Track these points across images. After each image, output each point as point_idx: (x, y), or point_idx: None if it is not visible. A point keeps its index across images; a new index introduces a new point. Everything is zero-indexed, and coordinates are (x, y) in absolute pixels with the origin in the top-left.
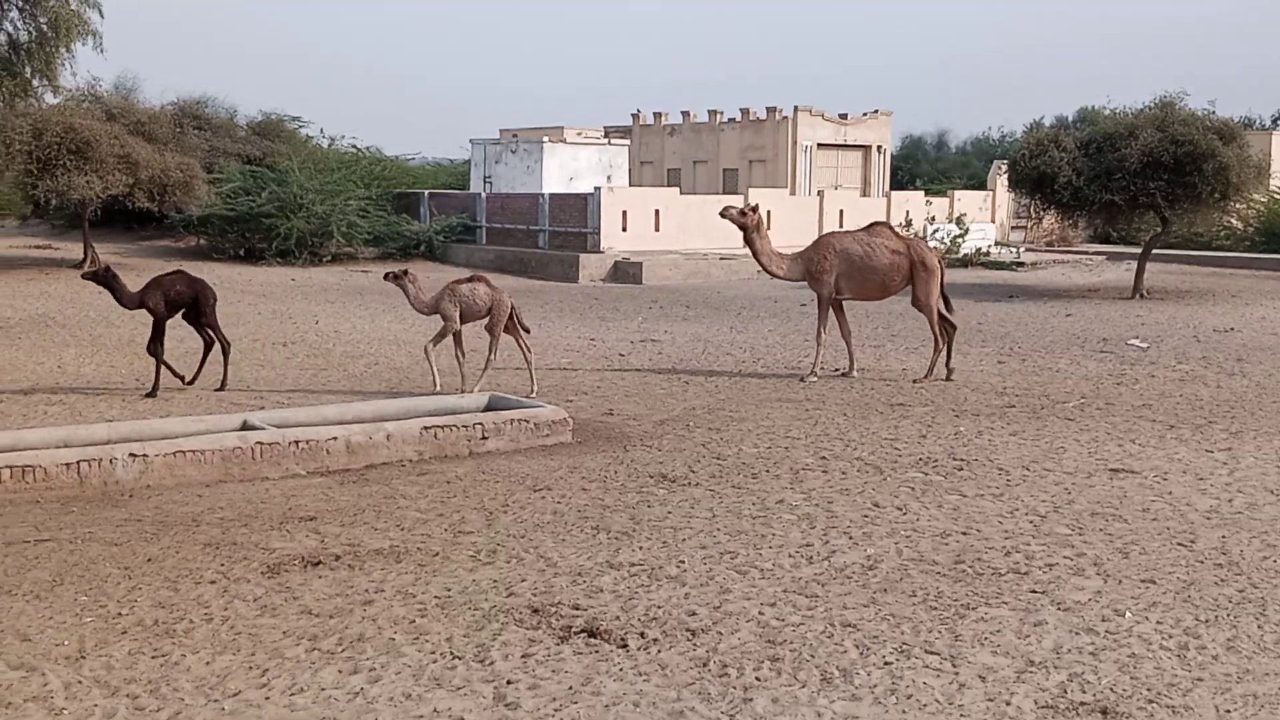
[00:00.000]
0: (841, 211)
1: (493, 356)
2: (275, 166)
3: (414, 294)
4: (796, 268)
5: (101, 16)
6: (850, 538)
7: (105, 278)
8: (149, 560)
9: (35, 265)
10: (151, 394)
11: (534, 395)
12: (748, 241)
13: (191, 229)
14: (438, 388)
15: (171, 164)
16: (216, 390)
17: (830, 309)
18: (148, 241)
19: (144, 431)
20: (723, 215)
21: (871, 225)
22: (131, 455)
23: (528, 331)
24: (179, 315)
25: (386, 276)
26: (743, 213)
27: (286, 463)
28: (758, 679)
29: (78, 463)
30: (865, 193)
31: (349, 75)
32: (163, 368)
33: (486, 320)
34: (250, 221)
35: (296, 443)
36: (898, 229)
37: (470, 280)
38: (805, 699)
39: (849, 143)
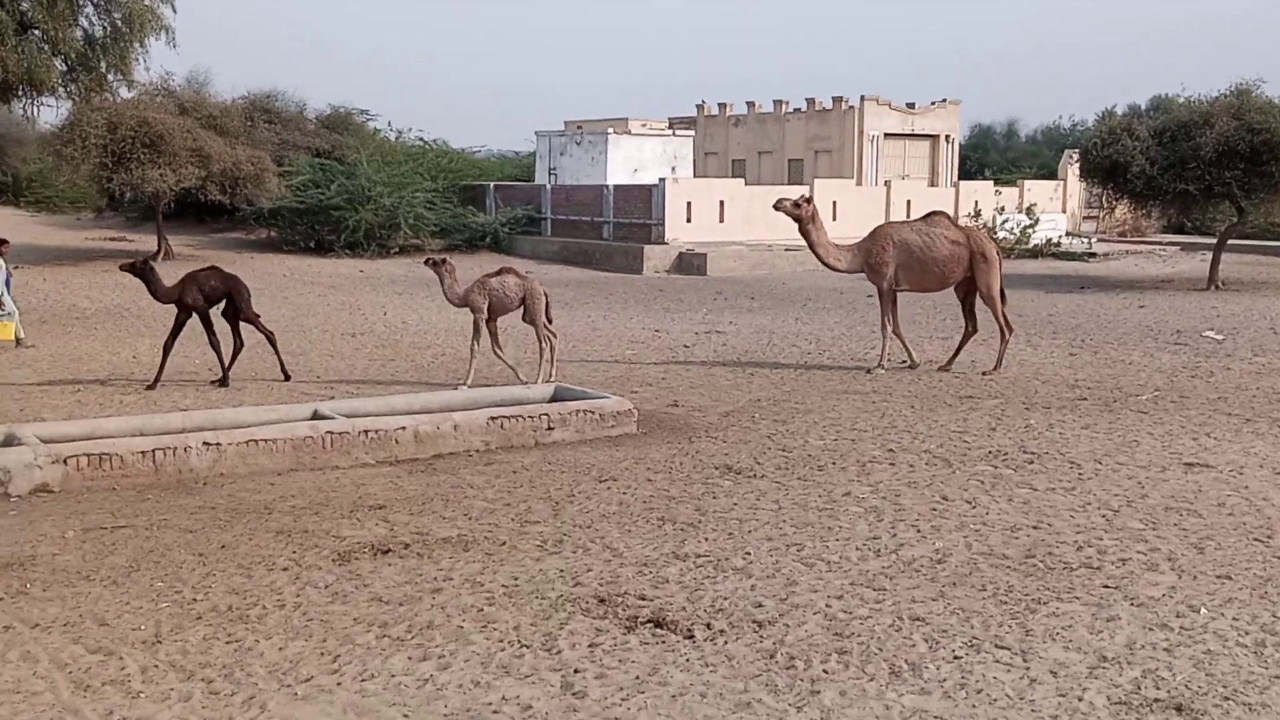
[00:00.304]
0: (909, 202)
1: (546, 345)
2: (344, 159)
3: (448, 284)
4: (855, 259)
5: (174, 11)
6: (918, 531)
7: (142, 270)
8: (223, 547)
9: (110, 257)
10: (151, 386)
11: (553, 379)
12: (803, 234)
13: (262, 221)
14: (522, 378)
15: (243, 157)
16: (215, 383)
17: (890, 300)
18: (219, 234)
19: (218, 421)
20: (776, 208)
21: (930, 215)
22: (205, 444)
23: (551, 322)
24: (218, 312)
25: (426, 262)
26: (796, 204)
27: (356, 452)
28: (825, 671)
29: (153, 451)
30: (933, 183)
31: (417, 69)
32: (166, 362)
33: (523, 313)
34: (319, 214)
35: (366, 432)
36: (956, 219)
37: (499, 273)
38: (873, 692)
39: (916, 132)
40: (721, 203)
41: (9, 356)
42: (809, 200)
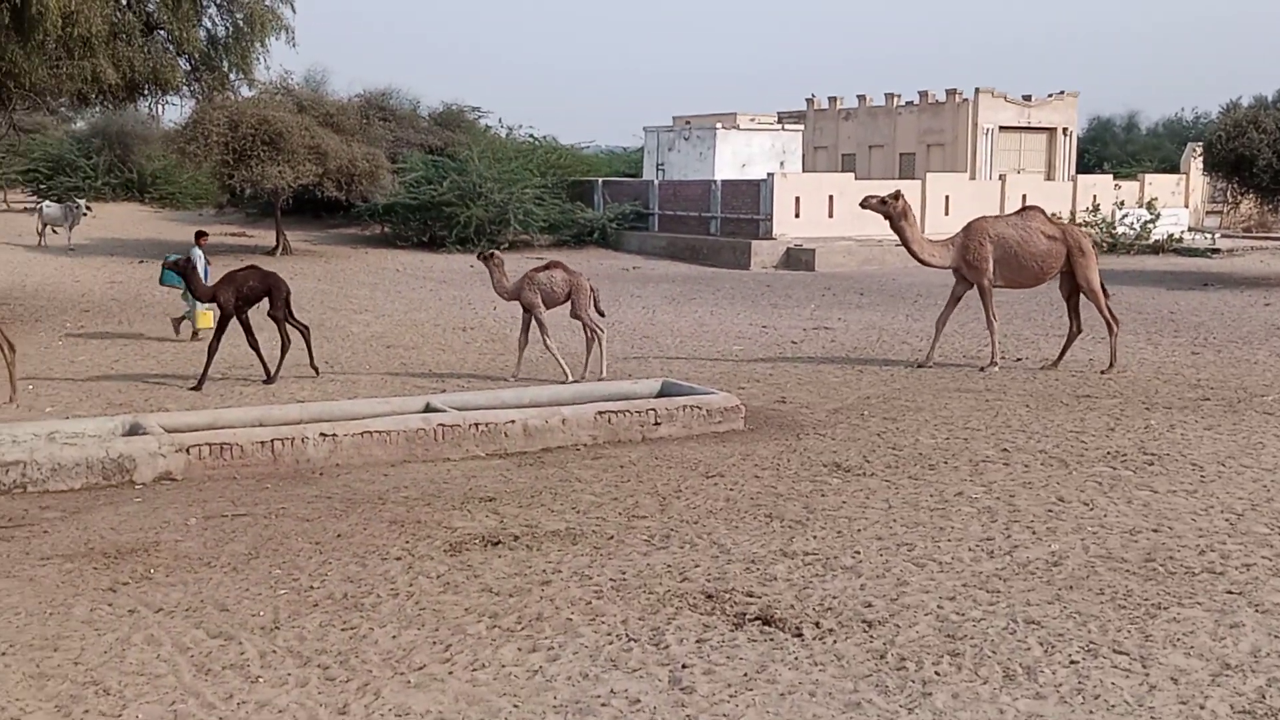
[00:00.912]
0: (1024, 196)
1: (594, 338)
2: (456, 156)
3: (498, 278)
4: (950, 255)
5: (294, 11)
6: (1033, 532)
7: (183, 269)
8: (338, 536)
9: (231, 252)
10: (196, 387)
11: (585, 378)
12: (896, 230)
13: (376, 217)
14: (572, 378)
15: (358, 154)
16: (265, 382)
17: (992, 295)
18: (335, 229)
19: (333, 412)
20: (864, 205)
21: (1024, 210)
22: (322, 435)
23: (602, 315)
24: (259, 311)
25: (479, 256)
26: (884, 201)
27: (467, 444)
28: (937, 673)
29: (272, 441)
30: (1049, 177)
31: (527, 65)
32: (212, 363)
33: (570, 306)
34: (432, 210)
35: (476, 425)
36: (1051, 214)
37: (547, 268)
38: (987, 695)
39: (1033, 125)
40: (830, 197)
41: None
42: (898, 196)
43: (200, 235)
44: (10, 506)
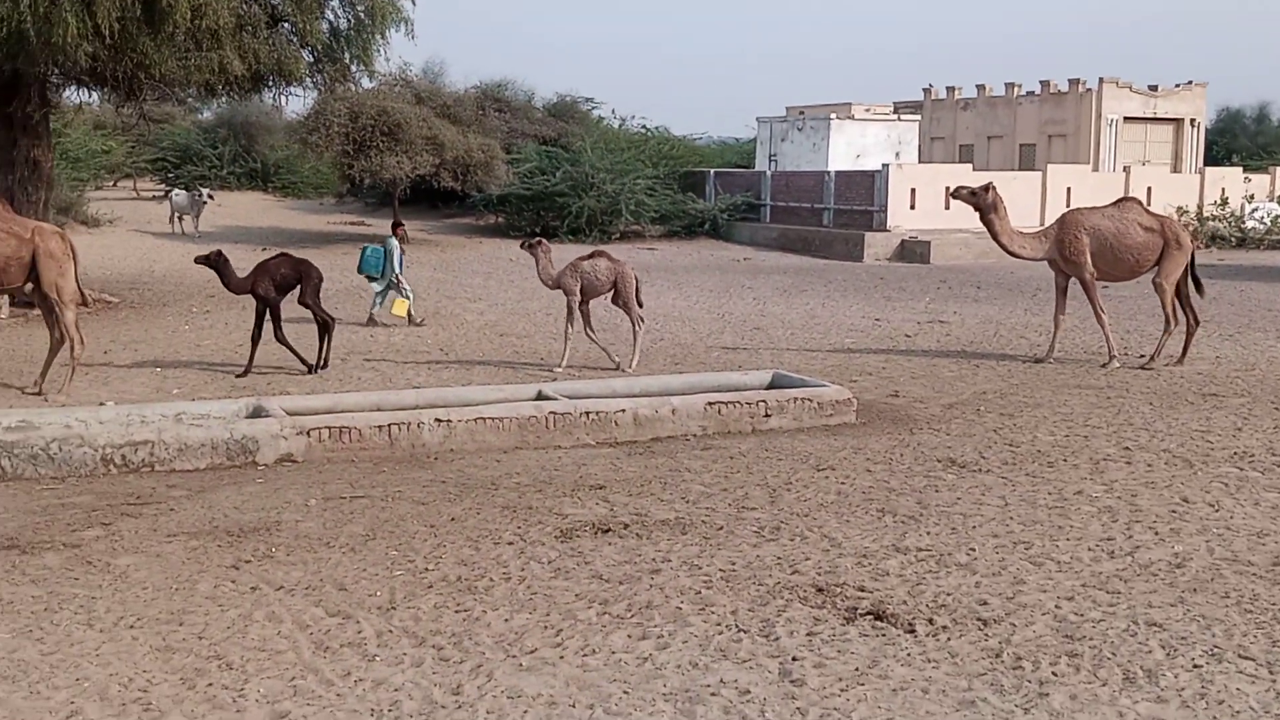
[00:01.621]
0: (1150, 189)
1: (639, 328)
2: (569, 147)
3: (543, 265)
4: (1043, 248)
5: (413, 3)
6: (1156, 533)
7: (216, 262)
8: (452, 520)
9: (350, 240)
10: (242, 375)
11: (632, 369)
12: (985, 223)
13: (490, 207)
14: (616, 362)
15: (474, 145)
16: (322, 368)
17: (1096, 287)
18: (451, 219)
19: (448, 398)
20: (954, 196)
21: (1120, 201)
22: (437, 420)
23: (642, 307)
24: (292, 298)
25: (522, 245)
26: (974, 192)
27: (577, 432)
28: (1054, 674)
29: (389, 425)
30: (1176, 169)
31: (642, 56)
32: (289, 350)
33: (614, 295)
34: (545, 200)
35: (587, 414)
36: (1147, 205)
37: (591, 256)
38: (1106, 698)
39: (1159, 116)
40: (947, 189)
41: (398, 334)
42: (989, 188)
43: (396, 225)
44: (139, 484)
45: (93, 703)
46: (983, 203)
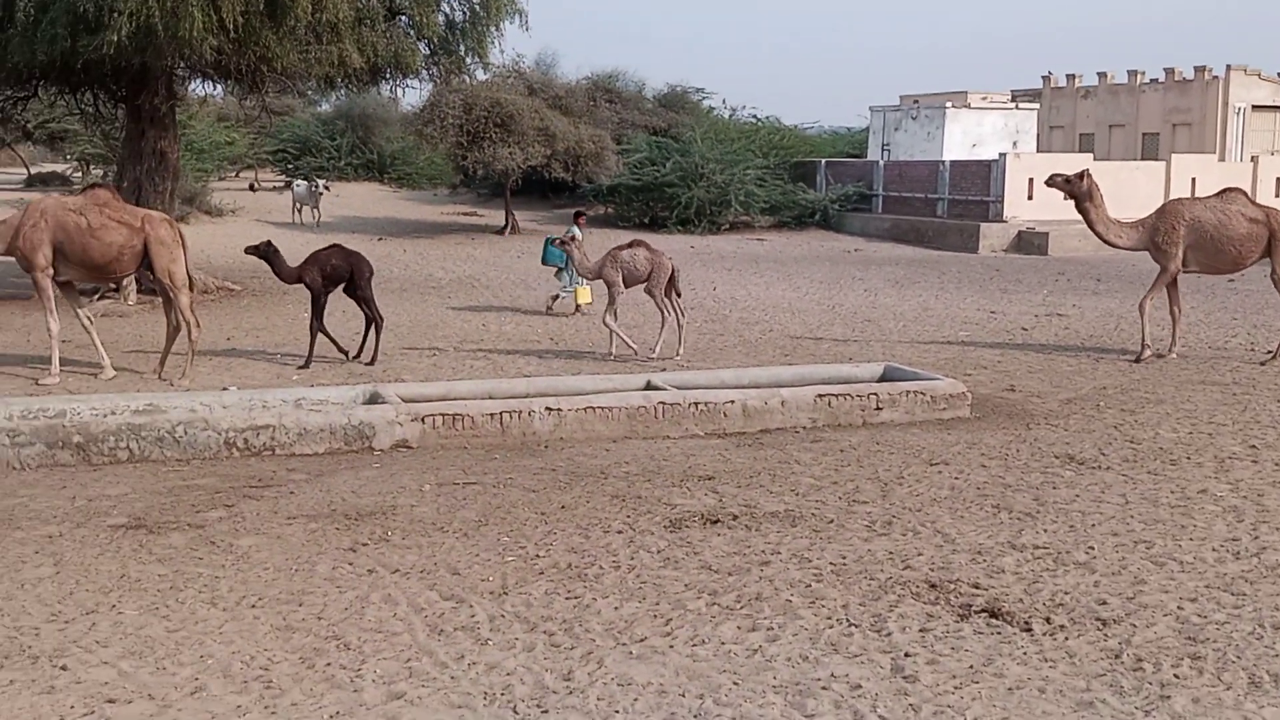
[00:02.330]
0: (1278, 180)
1: (668, 317)
2: (679, 137)
3: (579, 259)
4: (1140, 237)
5: None
6: None
7: (266, 252)
8: (562, 507)
9: (462, 230)
10: (304, 365)
11: (679, 357)
12: (1081, 211)
13: (600, 198)
14: (634, 350)
15: (585, 136)
16: (367, 364)
17: (1166, 282)
18: (561, 209)
19: (558, 387)
20: (1048, 184)
21: (1224, 191)
22: (548, 409)
23: (680, 295)
24: (340, 289)
25: (554, 241)
26: (1068, 180)
27: (686, 423)
28: (1176, 676)
29: (500, 413)
30: None
31: (753, 46)
32: (318, 339)
33: (646, 284)
34: (654, 191)
35: (696, 404)
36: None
37: (630, 246)
38: (1230, 702)
39: None
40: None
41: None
42: (1083, 175)
43: (579, 215)
44: (260, 467)
45: (216, 679)
46: (1077, 190)
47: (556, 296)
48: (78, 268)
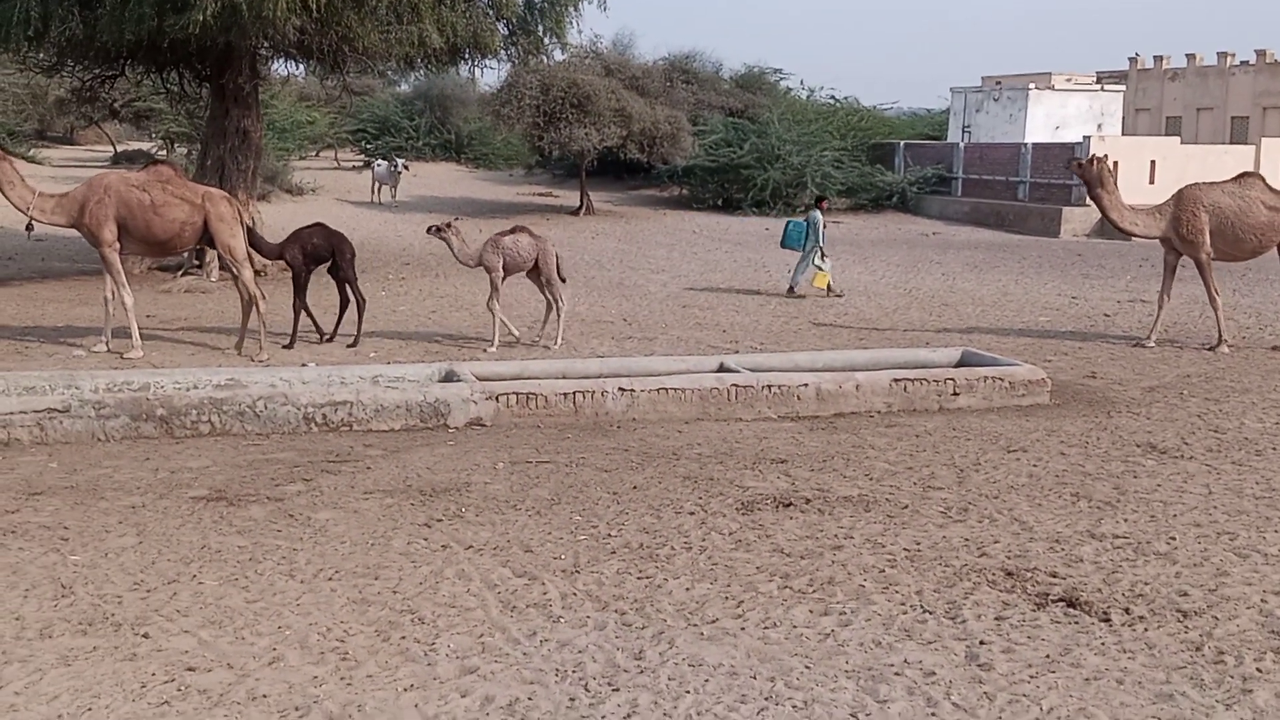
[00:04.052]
0: None
1: (562, 304)
2: (756, 119)
3: (458, 246)
4: (1157, 224)
5: None
6: None
7: (247, 229)
8: (634, 488)
9: (538, 211)
10: (289, 345)
11: (556, 347)
12: (1093, 197)
13: (675, 179)
14: (516, 335)
15: (661, 117)
16: (349, 347)
17: (1210, 269)
18: (635, 190)
19: (631, 368)
20: (1067, 168)
21: (1241, 176)
22: (620, 389)
23: (564, 282)
24: (324, 269)
25: (429, 230)
26: (1081, 164)
27: (759, 405)
28: (1259, 670)
29: (573, 393)
30: None
31: (832, 26)
32: (302, 318)
33: (533, 271)
34: (729, 172)
35: (769, 387)
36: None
37: (512, 232)
38: None
39: None
40: (1153, 163)
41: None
42: (1096, 160)
43: (820, 199)
44: (338, 443)
45: (293, 650)
46: (1089, 176)
47: (799, 281)
48: (140, 243)
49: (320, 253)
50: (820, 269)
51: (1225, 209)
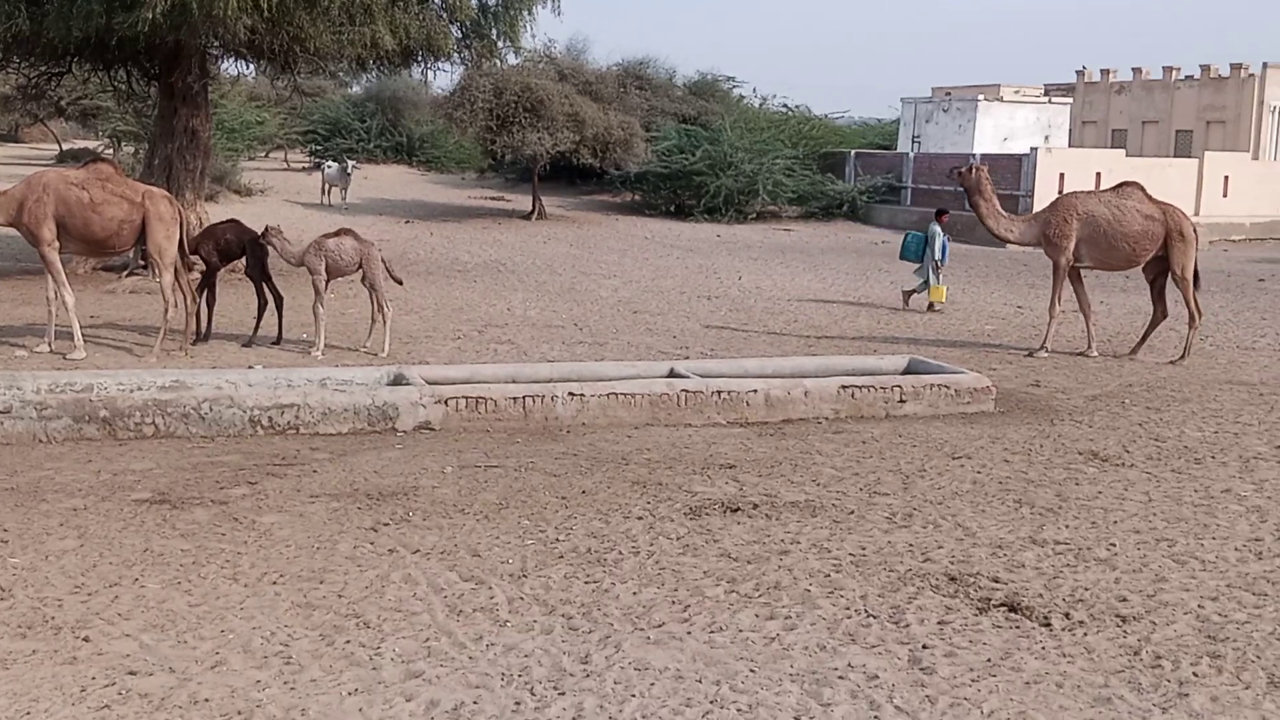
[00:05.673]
0: None
1: (386, 311)
2: (709, 126)
3: (280, 246)
4: (1030, 231)
5: None
6: None
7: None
8: (583, 492)
9: (489, 215)
10: (196, 341)
11: (384, 355)
12: (971, 204)
13: (628, 185)
14: (319, 352)
15: (614, 122)
16: (274, 344)
17: (1065, 279)
18: (587, 196)
19: (581, 373)
20: (948, 176)
21: (1121, 186)
22: (570, 394)
23: (400, 283)
24: (241, 270)
25: (259, 236)
26: (960, 173)
27: (708, 411)
28: (1195, 674)
29: (523, 398)
30: None
31: (784, 35)
32: (207, 316)
33: (361, 275)
34: (682, 179)
35: (719, 393)
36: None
37: (337, 234)
38: (1249, 701)
39: None
40: (1098, 175)
41: (924, 318)
42: (976, 168)
43: (941, 213)
44: (284, 446)
45: (237, 654)
46: (968, 183)
47: (912, 292)
48: (79, 242)
49: (232, 249)
50: (935, 283)
51: (1099, 217)
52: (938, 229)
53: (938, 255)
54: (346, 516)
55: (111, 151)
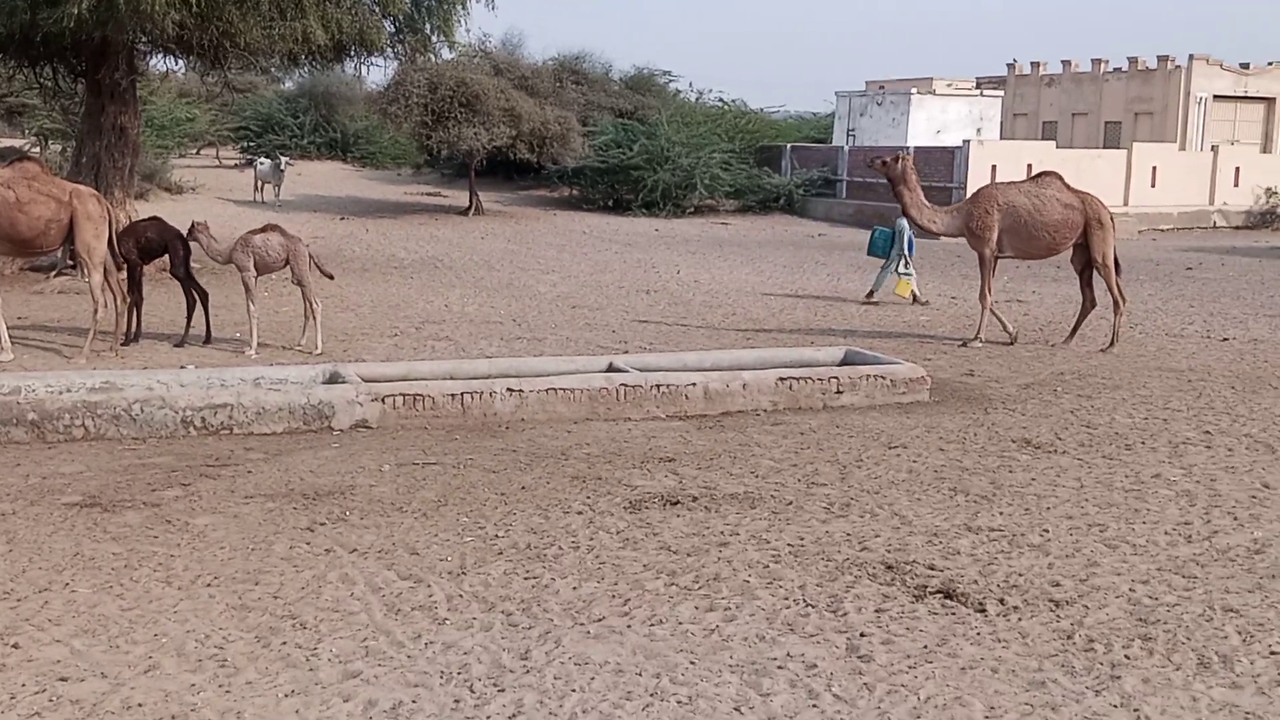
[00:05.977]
0: (1237, 169)
1: (315, 307)
2: (645, 120)
3: (206, 242)
4: (954, 222)
5: None
6: (1235, 519)
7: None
8: (522, 488)
9: (426, 211)
10: (126, 342)
11: (319, 352)
12: (896, 195)
13: (566, 180)
14: (253, 351)
15: (550, 117)
16: (205, 343)
17: (993, 269)
18: (525, 191)
19: (520, 369)
20: (869, 165)
21: (1040, 176)
22: (509, 390)
23: (331, 278)
24: (160, 268)
25: (186, 233)
26: (885, 162)
27: (648, 405)
28: (1127, 657)
29: (462, 394)
30: (1266, 149)
31: (719, 29)
32: (135, 316)
33: (288, 272)
34: (620, 173)
35: (658, 386)
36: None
37: (264, 231)
38: (1179, 682)
39: (1250, 94)
40: (1029, 166)
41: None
42: (898, 158)
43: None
44: (217, 446)
45: (170, 658)
46: (893, 173)
47: (874, 291)
48: (4, 242)
49: (154, 247)
50: (903, 276)
51: (1020, 207)
52: (904, 224)
53: (906, 250)
54: (282, 517)
55: (38, 150)
